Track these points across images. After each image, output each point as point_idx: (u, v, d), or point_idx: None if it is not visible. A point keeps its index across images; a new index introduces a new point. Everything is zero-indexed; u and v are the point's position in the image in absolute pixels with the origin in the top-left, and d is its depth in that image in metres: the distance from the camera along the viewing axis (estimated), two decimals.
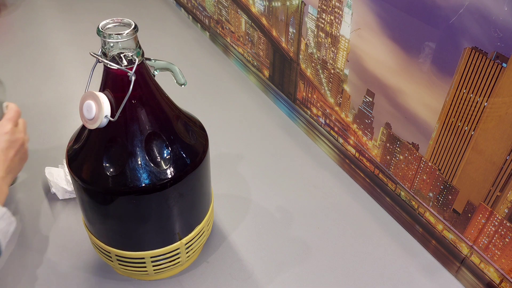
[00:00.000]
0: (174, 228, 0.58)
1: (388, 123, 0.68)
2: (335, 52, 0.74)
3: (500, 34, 0.48)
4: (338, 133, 0.82)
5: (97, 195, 0.52)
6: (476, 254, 0.62)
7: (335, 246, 0.69)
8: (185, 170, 0.53)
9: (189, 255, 0.62)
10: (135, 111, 0.50)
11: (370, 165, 0.76)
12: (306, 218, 0.73)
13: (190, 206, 0.58)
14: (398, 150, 0.69)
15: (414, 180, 0.68)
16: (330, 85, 0.79)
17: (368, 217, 0.74)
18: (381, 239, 0.71)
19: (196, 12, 1.24)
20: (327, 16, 0.73)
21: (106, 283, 0.64)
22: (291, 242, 0.70)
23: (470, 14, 0.50)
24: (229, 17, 1.06)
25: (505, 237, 0.56)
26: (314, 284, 0.64)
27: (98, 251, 0.61)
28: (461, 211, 0.62)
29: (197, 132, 0.57)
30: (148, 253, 0.58)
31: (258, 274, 0.65)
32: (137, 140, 0.51)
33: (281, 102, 0.97)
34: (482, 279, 0.62)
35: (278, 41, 0.90)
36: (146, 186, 0.51)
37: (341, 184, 0.80)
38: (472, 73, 0.52)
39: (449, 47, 0.54)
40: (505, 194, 0.54)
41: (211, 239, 0.69)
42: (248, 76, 1.07)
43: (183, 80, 0.57)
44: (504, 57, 0.48)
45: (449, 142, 0.59)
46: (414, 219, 0.71)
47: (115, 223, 0.56)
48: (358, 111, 0.74)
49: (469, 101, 0.54)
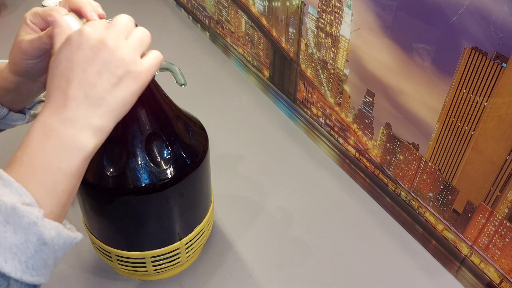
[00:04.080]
0: (174, 228, 0.58)
1: (388, 123, 0.68)
2: (335, 52, 0.74)
3: (500, 34, 0.48)
4: (338, 133, 0.82)
5: (97, 195, 0.52)
6: (476, 254, 0.62)
7: (335, 246, 0.69)
8: (185, 170, 0.53)
9: (189, 255, 0.62)
10: (135, 111, 0.50)
11: (370, 165, 0.76)
12: (306, 218, 0.73)
13: (190, 206, 0.58)
14: (398, 150, 0.69)
15: (414, 180, 0.68)
16: (330, 85, 0.79)
17: (368, 217, 0.74)
18: (381, 239, 0.71)
19: (196, 12, 1.24)
20: (327, 16, 0.73)
21: (106, 283, 0.64)
22: (291, 242, 0.70)
23: (470, 14, 0.50)
24: (229, 17, 1.06)
25: (505, 237, 0.56)
26: (314, 284, 0.64)
27: (98, 251, 0.61)
28: (461, 211, 0.62)
29: (197, 132, 0.57)
30: (148, 253, 0.58)
31: (258, 274, 0.65)
32: (137, 140, 0.51)
33: (281, 102, 0.97)
34: (482, 279, 0.62)
35: (278, 41, 0.90)
36: (146, 186, 0.51)
37: (341, 184, 0.80)
38: (472, 73, 0.52)
39: (449, 47, 0.54)
40: (505, 194, 0.54)
41: (211, 239, 0.69)
42: (248, 76, 1.07)
43: (183, 80, 0.57)
44: (504, 57, 0.48)
45: (449, 142, 0.59)
46: (414, 219, 0.71)
47: (115, 223, 0.56)
48: (358, 111, 0.74)
49: (469, 101, 0.54)
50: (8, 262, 0.33)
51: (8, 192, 0.35)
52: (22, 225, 0.34)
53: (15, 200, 0.34)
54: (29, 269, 0.34)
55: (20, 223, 0.34)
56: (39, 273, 0.35)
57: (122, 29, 0.41)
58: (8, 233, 0.34)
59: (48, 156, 0.37)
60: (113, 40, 0.39)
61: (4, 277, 0.34)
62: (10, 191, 0.35)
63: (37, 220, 0.34)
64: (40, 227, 0.34)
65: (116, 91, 0.39)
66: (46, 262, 0.36)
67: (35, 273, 0.35)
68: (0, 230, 0.34)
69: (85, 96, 0.38)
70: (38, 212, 0.35)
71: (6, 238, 0.34)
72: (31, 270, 0.35)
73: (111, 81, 0.39)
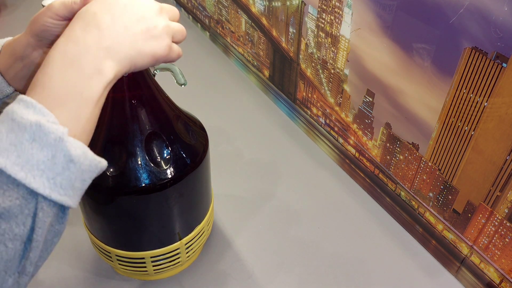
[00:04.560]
0: (174, 228, 0.58)
1: (388, 123, 0.68)
2: (335, 52, 0.74)
3: (500, 34, 0.48)
4: (338, 133, 0.82)
5: (97, 195, 0.52)
6: (476, 254, 0.62)
7: (335, 246, 0.69)
8: (185, 170, 0.53)
9: (189, 255, 0.62)
10: (135, 111, 0.50)
11: (370, 165, 0.76)
12: (306, 218, 0.73)
13: (190, 206, 0.58)
14: (398, 150, 0.69)
15: (414, 180, 0.68)
16: (330, 85, 0.79)
17: (368, 217, 0.74)
18: (381, 239, 0.71)
19: (196, 12, 1.24)
20: (327, 16, 0.73)
21: (106, 283, 0.64)
22: (291, 242, 0.70)
23: (470, 14, 0.50)
24: (229, 17, 1.06)
25: (505, 237, 0.56)
26: (314, 284, 0.64)
27: (98, 251, 0.61)
28: (461, 211, 0.62)
29: (197, 132, 0.57)
30: (148, 253, 0.58)
31: (258, 274, 0.65)
32: (137, 140, 0.51)
33: (281, 102, 0.97)
34: (482, 279, 0.62)
35: (278, 41, 0.90)
36: (146, 186, 0.51)
37: (341, 184, 0.80)
38: (472, 73, 0.52)
39: (449, 47, 0.54)
40: (505, 194, 0.54)
41: (211, 239, 0.69)
42: (248, 76, 1.07)
43: (183, 80, 0.57)
44: (504, 57, 0.48)
45: (449, 142, 0.59)
46: (414, 219, 0.71)
47: (115, 223, 0.56)
48: (358, 111, 0.74)
49: (469, 101, 0.54)
50: (36, 178, 0.34)
51: (31, 112, 0.35)
52: (49, 141, 0.34)
53: (40, 118, 0.34)
54: (57, 186, 0.35)
55: (47, 139, 0.34)
56: (67, 193, 0.35)
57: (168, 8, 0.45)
58: (34, 150, 0.34)
59: (70, 81, 0.37)
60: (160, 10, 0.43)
61: (33, 194, 0.34)
62: (34, 112, 0.35)
63: (63, 136, 0.35)
64: (67, 143, 0.35)
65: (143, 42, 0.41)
66: (73, 182, 0.36)
67: (63, 192, 0.35)
68: (27, 147, 0.33)
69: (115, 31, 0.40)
70: (64, 129, 0.35)
71: (33, 155, 0.34)
72: (59, 188, 0.35)
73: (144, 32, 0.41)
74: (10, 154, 0.33)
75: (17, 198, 0.33)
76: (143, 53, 0.41)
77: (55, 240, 0.37)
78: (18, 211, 0.33)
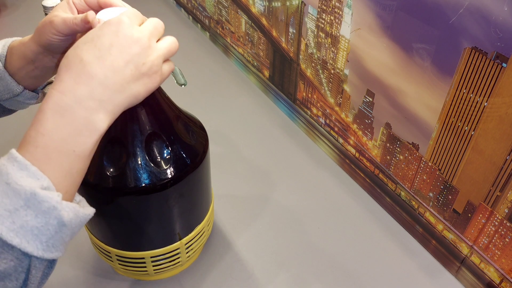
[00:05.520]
0: (174, 228, 0.58)
1: (388, 123, 0.68)
2: (335, 52, 0.74)
3: (500, 34, 0.48)
4: (338, 133, 0.82)
5: (97, 195, 0.52)
6: (476, 254, 0.62)
7: (335, 246, 0.69)
8: (185, 170, 0.53)
9: (189, 255, 0.62)
10: (135, 111, 0.50)
11: (370, 165, 0.76)
12: (306, 218, 0.73)
13: (190, 206, 0.58)
14: (398, 150, 0.69)
15: (414, 180, 0.68)
16: (330, 85, 0.79)
17: (368, 217, 0.74)
18: (381, 239, 0.71)
19: (196, 13, 1.24)
20: (327, 16, 0.73)
21: (106, 283, 0.64)
22: (291, 242, 0.70)
23: (470, 14, 0.50)
24: (229, 17, 1.06)
25: (505, 237, 0.56)
26: (314, 284, 0.64)
27: (98, 251, 0.61)
28: (461, 211, 0.62)
29: (197, 132, 0.57)
30: (148, 253, 0.58)
31: (258, 274, 0.65)
32: (137, 140, 0.51)
33: (281, 102, 0.97)
34: (482, 279, 0.62)
35: (278, 41, 0.90)
36: (146, 186, 0.51)
37: (341, 184, 0.80)
38: (472, 73, 0.52)
39: (449, 47, 0.54)
40: (505, 194, 0.54)
41: (211, 239, 0.69)
42: (248, 76, 1.07)
43: (183, 80, 0.57)
44: (504, 57, 0.48)
45: (449, 142, 0.59)
46: (414, 219, 0.71)
47: (115, 223, 0.56)
48: (358, 111, 0.74)
49: (469, 101, 0.54)
50: (30, 243, 0.36)
51: (25, 175, 0.36)
52: (42, 209, 0.36)
53: (34, 184, 0.36)
54: (50, 247, 0.37)
55: (40, 207, 0.36)
56: (58, 249, 0.38)
57: (155, 32, 0.43)
58: (28, 217, 0.35)
59: (62, 138, 0.38)
60: (148, 39, 0.41)
61: (26, 256, 0.36)
62: (27, 175, 0.36)
63: (57, 205, 0.36)
64: (60, 211, 0.36)
65: (134, 84, 0.41)
66: (64, 239, 0.38)
67: (54, 250, 0.37)
68: (21, 214, 0.35)
69: (104, 77, 0.39)
70: (57, 197, 0.36)
71: (28, 222, 0.35)
72: (51, 248, 0.37)
73: (134, 73, 0.40)
74: (4, 220, 0.35)
75: (12, 260, 0.35)
76: (136, 93, 0.41)
77: (44, 281, 0.40)
78: (12, 271, 0.36)
